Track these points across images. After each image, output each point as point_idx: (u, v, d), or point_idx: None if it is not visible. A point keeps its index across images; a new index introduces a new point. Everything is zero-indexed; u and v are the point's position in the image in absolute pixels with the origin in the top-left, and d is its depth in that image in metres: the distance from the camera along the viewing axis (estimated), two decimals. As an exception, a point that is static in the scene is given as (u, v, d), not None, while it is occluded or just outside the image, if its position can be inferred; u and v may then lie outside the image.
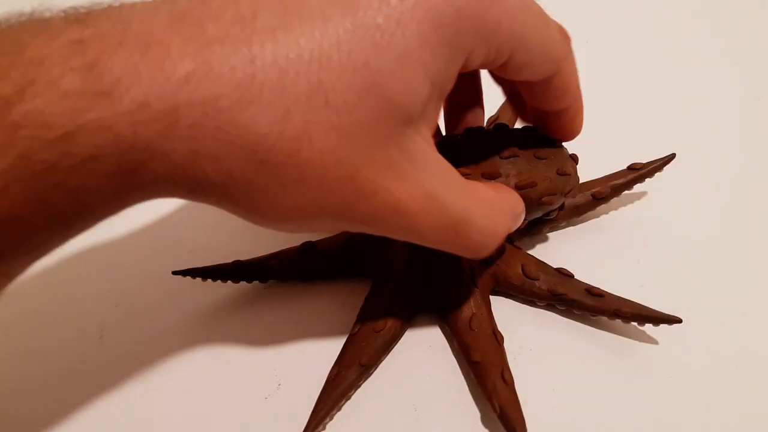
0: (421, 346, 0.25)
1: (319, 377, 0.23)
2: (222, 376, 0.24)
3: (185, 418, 0.23)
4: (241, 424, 0.22)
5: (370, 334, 0.23)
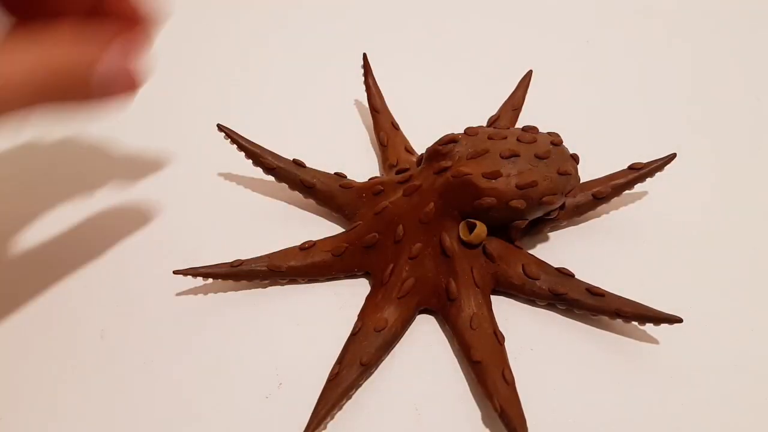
0: (421, 346, 0.25)
1: (320, 377, 0.23)
2: (222, 376, 0.24)
3: (185, 418, 0.23)
4: (241, 424, 0.22)
5: (370, 333, 0.23)
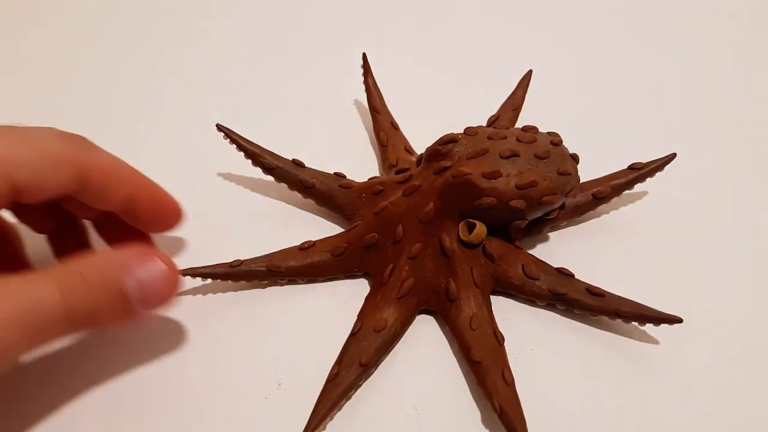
0: (421, 346, 0.25)
1: (320, 377, 0.23)
2: (222, 376, 0.24)
3: (186, 418, 0.23)
4: (241, 424, 0.22)
5: (370, 333, 0.23)
